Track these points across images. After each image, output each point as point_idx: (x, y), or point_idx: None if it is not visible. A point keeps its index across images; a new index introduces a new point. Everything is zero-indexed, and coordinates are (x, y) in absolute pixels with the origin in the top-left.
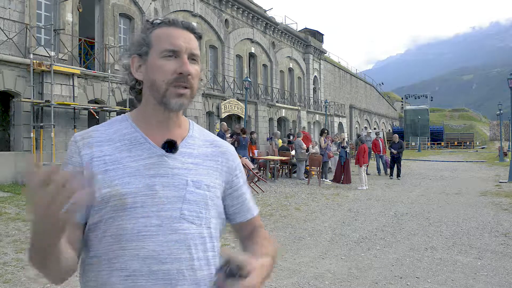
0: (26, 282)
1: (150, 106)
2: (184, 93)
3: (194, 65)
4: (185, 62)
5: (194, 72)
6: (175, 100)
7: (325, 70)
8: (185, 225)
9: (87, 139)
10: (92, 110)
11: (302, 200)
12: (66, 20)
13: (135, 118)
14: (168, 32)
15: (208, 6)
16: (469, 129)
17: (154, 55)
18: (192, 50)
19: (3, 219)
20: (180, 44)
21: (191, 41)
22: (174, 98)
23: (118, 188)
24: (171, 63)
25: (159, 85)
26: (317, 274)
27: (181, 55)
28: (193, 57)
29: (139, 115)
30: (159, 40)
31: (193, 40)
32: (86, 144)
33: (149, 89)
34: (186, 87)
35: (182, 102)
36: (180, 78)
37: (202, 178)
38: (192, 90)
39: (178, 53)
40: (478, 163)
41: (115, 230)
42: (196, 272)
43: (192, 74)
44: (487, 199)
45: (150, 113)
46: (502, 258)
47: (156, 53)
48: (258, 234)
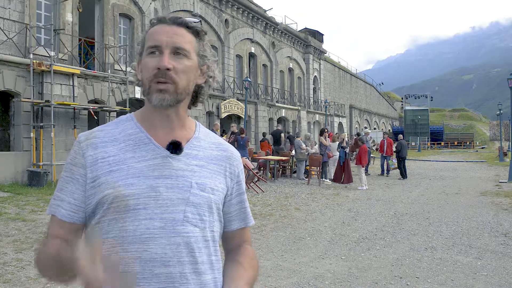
0: (26, 282)
1: (150, 106)
2: (163, 88)
3: (181, 59)
4: (163, 57)
5: (178, 67)
6: (155, 96)
7: (325, 70)
8: (189, 228)
9: (92, 139)
10: (91, 110)
11: (302, 200)
12: (66, 20)
13: (140, 118)
14: (155, 29)
15: (208, 6)
16: (469, 129)
17: (144, 54)
18: (175, 44)
19: (3, 219)
20: (160, 39)
21: (176, 36)
22: (154, 94)
23: (121, 189)
24: (154, 59)
25: (144, 83)
26: (317, 274)
27: (163, 50)
28: (178, 51)
29: (143, 115)
30: (148, 39)
31: (179, 34)
32: (90, 144)
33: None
34: (167, 82)
35: (162, 98)
36: (159, 73)
37: (207, 181)
38: (176, 86)
39: (160, 49)
40: (478, 163)
41: (117, 232)
42: (200, 276)
43: (176, 68)
44: (487, 199)
45: (151, 112)
46: (502, 258)
47: (145, 51)
48: (245, 253)
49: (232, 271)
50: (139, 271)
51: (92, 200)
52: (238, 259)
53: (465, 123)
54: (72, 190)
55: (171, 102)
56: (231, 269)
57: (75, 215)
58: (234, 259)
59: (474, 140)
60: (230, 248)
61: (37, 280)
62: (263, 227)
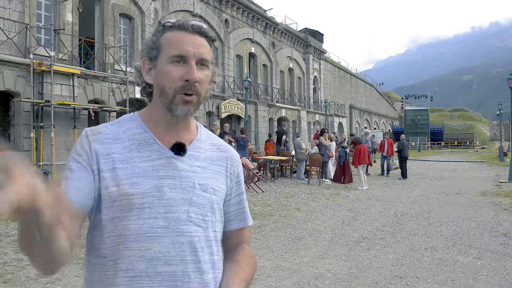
0: (26, 282)
1: (159, 110)
2: (190, 100)
3: (203, 71)
4: (192, 69)
5: (202, 78)
6: (181, 107)
7: (325, 70)
8: (192, 228)
9: (97, 135)
10: (91, 110)
11: (302, 200)
12: (66, 20)
13: (144, 118)
14: (178, 37)
15: (208, 6)
16: (469, 129)
17: (163, 60)
18: (201, 55)
19: (3, 219)
20: (188, 50)
21: (201, 46)
22: (180, 105)
23: (126, 188)
24: (179, 69)
25: (167, 92)
26: (317, 274)
27: (189, 61)
28: (202, 62)
29: (148, 115)
30: (168, 45)
31: (203, 45)
32: (96, 139)
33: (158, 94)
34: (193, 94)
35: (188, 109)
36: (187, 85)
37: (209, 182)
38: (199, 97)
39: (186, 59)
40: (478, 163)
41: (121, 230)
42: (202, 275)
43: (201, 80)
44: (487, 199)
45: (159, 115)
46: (502, 258)
47: (165, 58)
48: (243, 252)
49: (229, 269)
50: (143, 269)
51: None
52: (235, 258)
53: (465, 123)
54: (80, 176)
55: (192, 113)
56: (229, 267)
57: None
58: (232, 258)
59: (474, 140)
60: (228, 248)
61: (37, 280)
62: (263, 227)
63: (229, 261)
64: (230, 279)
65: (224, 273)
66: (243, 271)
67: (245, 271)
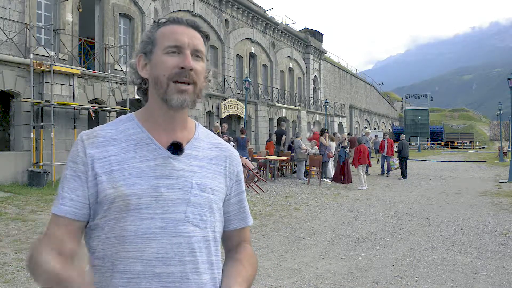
0: (26, 282)
1: (155, 106)
2: (185, 89)
3: (199, 62)
4: (187, 57)
5: (198, 68)
6: (176, 96)
7: (325, 70)
8: (190, 228)
9: (93, 138)
10: (91, 110)
11: (302, 200)
12: (66, 20)
13: (141, 118)
14: (172, 29)
15: (208, 6)
16: (469, 129)
17: (158, 52)
18: (196, 46)
19: (3, 219)
20: (183, 40)
21: (195, 38)
22: (175, 94)
23: (123, 189)
24: (174, 58)
25: (161, 80)
26: (317, 274)
27: (184, 51)
28: (197, 54)
29: (145, 114)
30: (163, 37)
31: (197, 37)
32: (92, 143)
33: (153, 86)
34: (189, 83)
35: (184, 99)
36: (182, 73)
37: (207, 181)
38: (195, 86)
39: (181, 49)
40: (478, 163)
41: (118, 231)
42: (200, 276)
43: (196, 69)
44: (487, 199)
45: (155, 112)
46: (502, 258)
47: (160, 50)
48: (244, 251)
49: (230, 268)
50: (140, 270)
51: (93, 198)
52: (237, 257)
53: (465, 123)
54: (75, 187)
55: (189, 104)
56: (230, 267)
57: (78, 212)
58: (233, 258)
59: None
60: (229, 247)
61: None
62: (263, 227)
63: (230, 260)
64: (232, 278)
65: (225, 272)
66: (245, 270)
67: (247, 270)
